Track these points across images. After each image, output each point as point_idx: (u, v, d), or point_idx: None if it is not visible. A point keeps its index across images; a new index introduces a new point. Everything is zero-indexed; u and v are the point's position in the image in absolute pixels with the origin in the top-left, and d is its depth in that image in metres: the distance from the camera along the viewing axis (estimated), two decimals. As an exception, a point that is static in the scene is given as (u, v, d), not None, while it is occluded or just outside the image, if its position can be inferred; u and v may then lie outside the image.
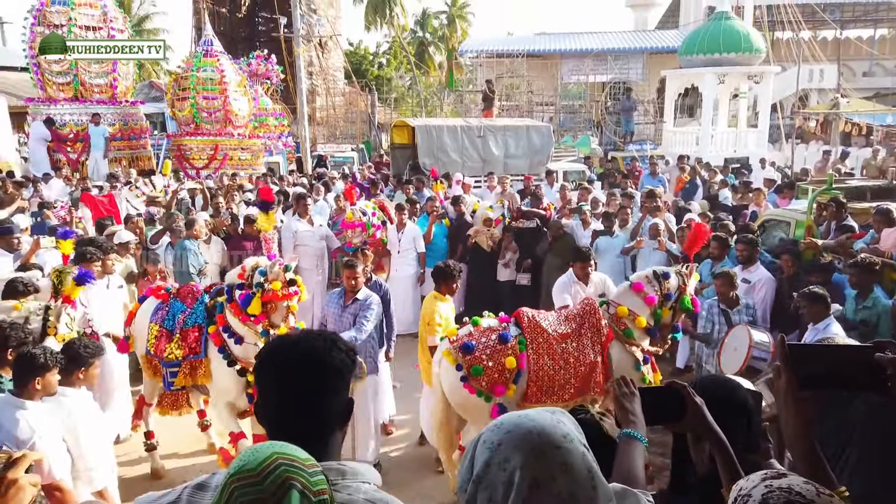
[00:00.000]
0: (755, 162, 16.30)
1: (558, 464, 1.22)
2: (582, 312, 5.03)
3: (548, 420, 1.29)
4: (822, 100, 26.51)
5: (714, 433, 1.71)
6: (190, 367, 5.11)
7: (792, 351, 1.55)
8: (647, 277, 5.07)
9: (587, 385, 4.75)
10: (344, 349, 1.62)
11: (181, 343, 5.09)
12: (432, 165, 13.82)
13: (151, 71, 33.06)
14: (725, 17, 18.79)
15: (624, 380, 1.81)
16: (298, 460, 1.18)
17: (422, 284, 8.71)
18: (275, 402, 1.57)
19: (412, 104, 32.37)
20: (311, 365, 1.56)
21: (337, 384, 1.59)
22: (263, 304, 4.73)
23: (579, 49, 28.87)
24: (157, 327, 5.21)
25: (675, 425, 1.76)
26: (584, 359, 4.77)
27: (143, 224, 8.33)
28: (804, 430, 1.53)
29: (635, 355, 4.94)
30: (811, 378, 1.54)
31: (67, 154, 14.57)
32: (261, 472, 1.14)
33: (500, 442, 1.26)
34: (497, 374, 4.63)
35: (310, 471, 1.18)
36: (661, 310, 4.98)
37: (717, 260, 6.66)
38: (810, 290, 4.84)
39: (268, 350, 1.66)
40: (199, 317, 5.15)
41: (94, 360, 4.00)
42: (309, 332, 1.72)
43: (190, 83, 15.36)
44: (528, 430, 1.26)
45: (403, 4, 40.19)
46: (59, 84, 14.70)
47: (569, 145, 21.71)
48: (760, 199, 9.51)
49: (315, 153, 19.88)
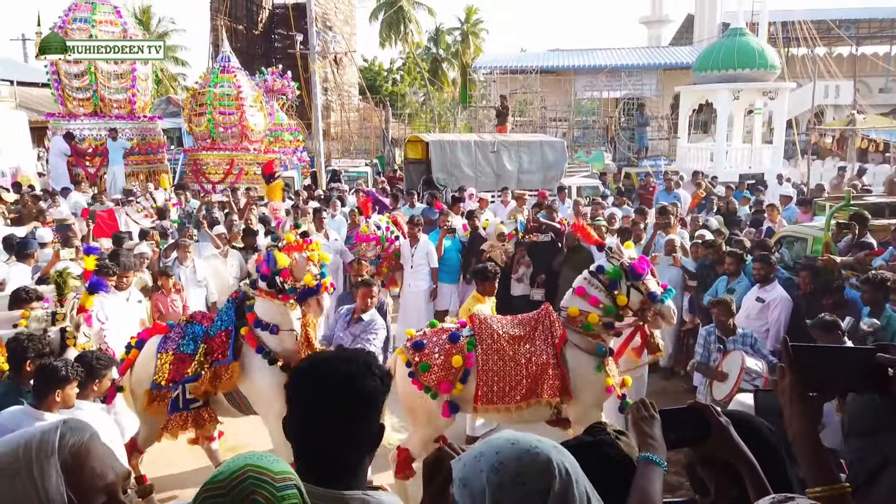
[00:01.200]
0: (770, 178, 16.21)
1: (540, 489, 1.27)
2: (537, 316, 5.02)
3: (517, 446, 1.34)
4: (837, 116, 26.35)
5: (742, 453, 1.67)
6: (213, 373, 4.72)
7: (795, 352, 1.56)
8: (586, 279, 4.98)
9: (538, 386, 4.69)
10: (379, 374, 1.60)
11: (204, 354, 4.77)
12: (446, 181, 13.87)
13: (169, 87, 33.52)
14: (740, 34, 18.77)
15: (643, 403, 1.76)
16: (269, 473, 1.18)
17: (434, 299, 8.70)
18: (304, 422, 1.56)
19: (426, 120, 32.55)
20: (344, 391, 1.54)
21: (369, 411, 1.57)
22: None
23: (593, 65, 28.92)
24: (170, 355, 4.85)
25: (700, 447, 1.72)
26: (536, 360, 4.76)
27: (158, 237, 8.41)
28: (808, 430, 1.54)
29: (594, 357, 4.81)
30: (815, 379, 1.55)
31: (86, 168, 14.77)
32: (227, 484, 1.16)
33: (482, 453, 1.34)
34: (444, 371, 4.73)
35: (278, 485, 1.17)
36: (614, 303, 4.83)
37: (733, 276, 6.60)
38: (822, 318, 4.75)
39: (304, 368, 1.64)
40: (226, 321, 4.86)
41: (107, 372, 4.04)
42: (345, 354, 1.69)
43: (207, 99, 15.55)
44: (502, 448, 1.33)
45: (418, 21, 40.64)
46: (79, 99, 14.93)
47: (582, 161, 21.68)
48: (775, 216, 9.43)
49: (329, 168, 20.02)
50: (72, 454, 1.21)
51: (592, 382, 4.79)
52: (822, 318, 4.74)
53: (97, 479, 1.23)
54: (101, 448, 1.27)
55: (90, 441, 1.25)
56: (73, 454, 1.21)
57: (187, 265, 7.38)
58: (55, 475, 1.18)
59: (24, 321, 4.49)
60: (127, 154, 15.02)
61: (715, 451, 1.69)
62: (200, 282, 7.44)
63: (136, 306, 6.24)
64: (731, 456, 1.68)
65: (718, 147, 19.14)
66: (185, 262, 7.37)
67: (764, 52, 18.52)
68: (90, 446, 1.25)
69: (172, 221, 9.90)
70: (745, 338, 5.46)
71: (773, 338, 6.00)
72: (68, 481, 1.19)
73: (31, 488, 1.16)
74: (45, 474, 1.17)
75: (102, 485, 1.23)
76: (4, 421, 3.45)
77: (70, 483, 1.19)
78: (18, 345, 3.92)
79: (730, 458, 1.68)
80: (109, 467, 1.26)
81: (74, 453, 1.21)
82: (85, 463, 1.22)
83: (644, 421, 1.71)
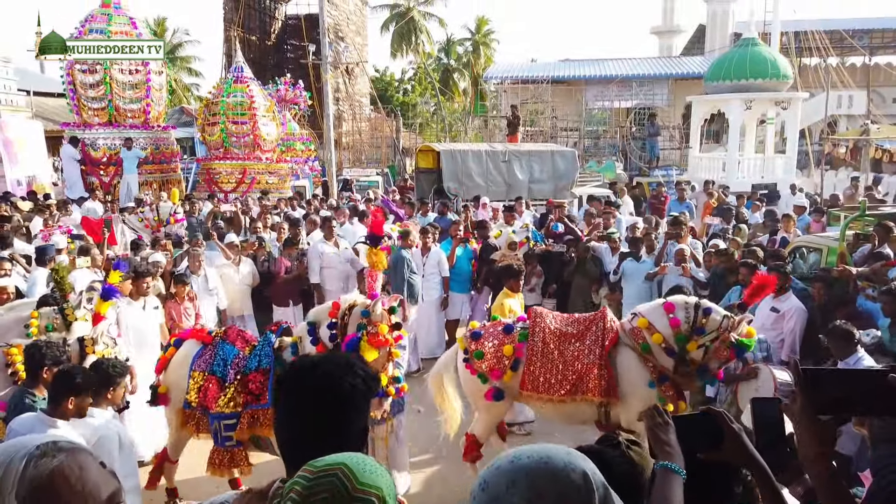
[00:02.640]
0: (783, 188, 16.09)
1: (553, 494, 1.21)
2: (593, 318, 5.22)
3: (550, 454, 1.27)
4: (851, 126, 26.20)
5: (755, 461, 1.65)
6: (250, 417, 4.50)
7: (807, 375, 1.55)
8: (686, 303, 4.92)
9: (584, 384, 4.87)
10: (362, 374, 1.60)
11: (240, 391, 4.53)
12: (457, 191, 13.86)
13: (183, 97, 33.85)
14: (752, 44, 18.70)
15: (657, 409, 1.75)
16: (354, 480, 1.18)
17: (445, 309, 8.69)
18: (288, 424, 1.58)
19: (437, 129, 32.65)
20: (324, 390, 1.56)
21: (347, 410, 1.57)
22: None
23: (604, 75, 28.93)
24: (202, 374, 4.66)
25: (713, 454, 1.71)
26: (583, 359, 4.94)
27: (172, 246, 8.46)
28: (823, 454, 1.51)
29: (648, 371, 4.83)
30: (827, 402, 1.53)
31: (100, 177, 14.90)
32: (317, 473, 1.19)
33: (505, 473, 1.24)
34: (495, 359, 5.11)
35: (354, 495, 1.17)
36: (688, 339, 4.77)
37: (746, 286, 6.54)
38: (836, 326, 4.71)
39: (287, 371, 1.66)
40: (264, 359, 4.58)
41: (121, 381, 4.05)
42: (330, 355, 1.72)
43: (220, 108, 15.69)
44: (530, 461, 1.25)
45: (429, 32, 40.85)
46: (95, 109, 15.09)
47: (593, 170, 21.64)
48: (790, 226, 9.36)
49: (341, 177, 20.13)
50: (31, 490, 1.10)
51: (641, 392, 4.83)
52: (837, 327, 4.69)
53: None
54: (76, 473, 1.14)
55: (58, 469, 1.13)
56: (33, 490, 1.10)
57: (199, 274, 7.42)
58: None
59: (35, 321, 4.54)
60: (141, 163, 15.16)
61: (728, 457, 1.67)
62: (212, 291, 7.48)
63: (153, 313, 6.30)
64: (744, 463, 1.67)
65: (730, 157, 19.04)
66: (198, 272, 7.40)
67: (776, 62, 18.44)
68: (56, 476, 1.12)
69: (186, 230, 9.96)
70: (760, 343, 5.40)
71: (787, 348, 5.96)
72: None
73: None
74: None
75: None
76: (17, 427, 3.46)
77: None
78: (37, 351, 3.97)
79: (743, 465, 1.67)
80: (83, 497, 1.13)
81: (35, 489, 1.11)
82: (43, 500, 1.11)
83: (659, 428, 1.70)
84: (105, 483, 1.19)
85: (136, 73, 15.07)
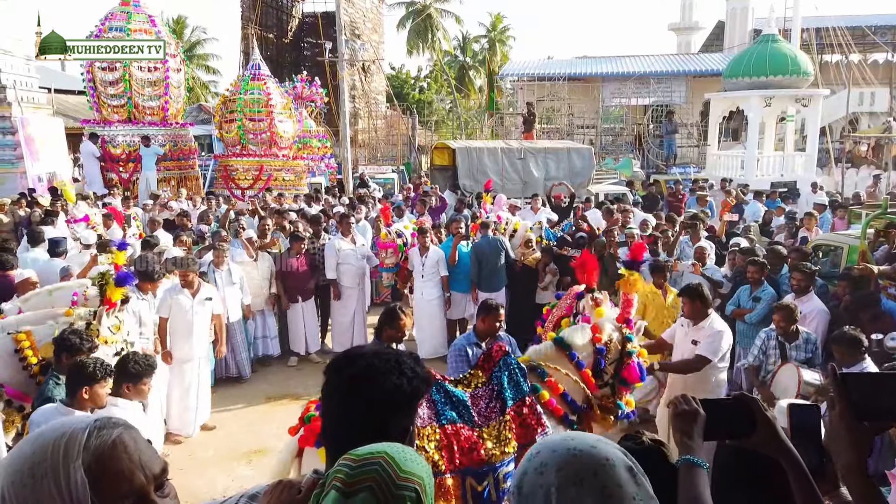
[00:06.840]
0: (803, 187, 15.89)
1: (597, 487, 1.21)
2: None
3: (590, 443, 1.28)
4: (872, 123, 25.80)
5: (787, 451, 1.60)
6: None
7: (846, 380, 1.47)
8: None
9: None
10: (409, 374, 1.54)
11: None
12: (472, 188, 13.85)
13: (201, 94, 34.10)
14: (772, 40, 18.45)
15: (685, 397, 1.68)
16: (396, 469, 1.18)
17: (448, 308, 8.65)
18: (329, 413, 1.57)
19: (452, 127, 32.62)
20: (364, 385, 1.51)
21: (385, 409, 1.51)
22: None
23: (621, 72, 28.73)
24: None
25: (744, 441, 1.66)
26: None
27: (191, 242, 8.52)
28: (859, 462, 1.45)
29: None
30: (868, 408, 1.46)
31: (120, 174, 15.06)
32: (359, 461, 1.19)
33: (543, 461, 1.27)
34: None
35: (398, 482, 1.17)
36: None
37: (756, 285, 6.46)
38: (844, 332, 4.55)
39: (337, 358, 1.63)
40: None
41: (142, 378, 4.03)
42: (380, 349, 1.66)
43: (237, 106, 15.77)
44: (569, 451, 1.26)
45: (445, 29, 40.80)
46: (114, 106, 15.24)
47: (610, 168, 21.54)
48: (811, 224, 9.25)
49: (356, 174, 20.18)
50: (96, 457, 1.15)
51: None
52: (846, 332, 4.52)
53: (123, 482, 1.16)
54: (133, 444, 1.20)
55: (119, 439, 1.18)
56: (98, 457, 1.15)
57: (223, 269, 7.55)
58: (80, 479, 1.12)
59: (73, 310, 4.60)
60: (159, 160, 15.30)
61: (759, 446, 1.62)
62: (235, 283, 7.62)
63: (206, 304, 6.54)
64: (776, 452, 1.61)
65: (749, 155, 18.82)
66: (221, 267, 7.55)
67: (797, 59, 18.19)
68: (118, 445, 1.18)
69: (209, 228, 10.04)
70: (807, 343, 5.22)
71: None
72: (93, 485, 1.13)
73: (55, 492, 1.11)
74: (70, 478, 1.12)
75: (128, 488, 1.16)
76: (38, 418, 3.51)
77: (94, 488, 1.13)
78: (60, 337, 4.10)
79: (775, 454, 1.61)
80: (139, 467, 1.19)
81: (99, 456, 1.15)
82: (109, 466, 1.16)
83: (681, 417, 1.65)
84: (156, 457, 1.25)
85: (154, 70, 15.19)
